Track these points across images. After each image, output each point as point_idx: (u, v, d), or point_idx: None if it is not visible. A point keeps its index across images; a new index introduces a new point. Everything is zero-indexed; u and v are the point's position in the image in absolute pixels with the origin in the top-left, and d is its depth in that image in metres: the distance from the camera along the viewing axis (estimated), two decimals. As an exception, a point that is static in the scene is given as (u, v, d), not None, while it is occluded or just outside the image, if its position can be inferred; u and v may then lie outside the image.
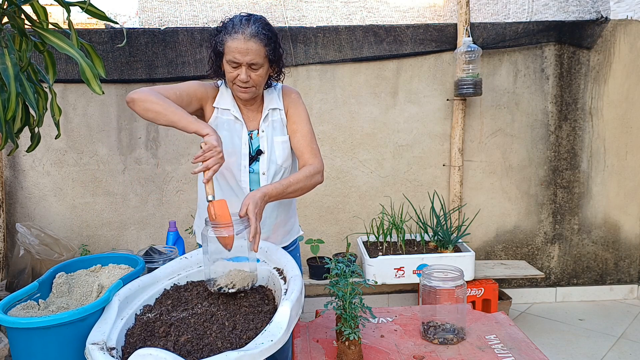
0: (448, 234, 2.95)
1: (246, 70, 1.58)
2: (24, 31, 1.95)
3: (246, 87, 1.61)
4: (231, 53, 1.56)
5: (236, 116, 1.69)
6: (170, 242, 2.27)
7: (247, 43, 1.55)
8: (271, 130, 1.71)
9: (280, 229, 1.81)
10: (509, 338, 1.46)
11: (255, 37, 1.56)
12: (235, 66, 1.58)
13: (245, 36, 1.55)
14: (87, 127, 3.13)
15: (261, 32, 1.57)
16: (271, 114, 1.73)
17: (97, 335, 1.14)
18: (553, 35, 3.32)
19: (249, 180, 1.69)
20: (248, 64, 1.57)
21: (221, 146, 1.46)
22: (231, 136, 1.69)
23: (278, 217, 1.78)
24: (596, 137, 3.47)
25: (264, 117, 1.71)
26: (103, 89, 2.01)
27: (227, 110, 1.70)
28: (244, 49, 1.55)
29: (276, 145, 1.70)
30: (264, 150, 1.69)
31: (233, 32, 1.56)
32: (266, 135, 1.70)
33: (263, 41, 1.57)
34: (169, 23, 3.16)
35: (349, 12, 3.32)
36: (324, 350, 1.41)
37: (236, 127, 1.70)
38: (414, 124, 3.33)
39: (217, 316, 1.26)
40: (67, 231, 3.20)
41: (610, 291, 3.61)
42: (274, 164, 1.70)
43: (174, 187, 3.23)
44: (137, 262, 1.50)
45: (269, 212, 1.73)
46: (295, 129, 1.72)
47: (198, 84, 1.71)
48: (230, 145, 1.68)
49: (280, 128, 1.72)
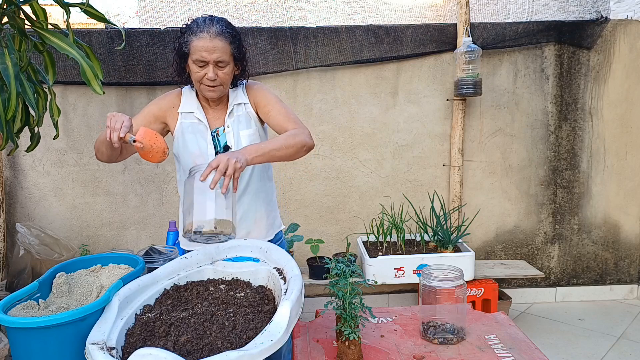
0: (448, 234, 2.95)
1: (213, 69, 1.61)
2: (24, 31, 1.95)
3: (214, 85, 1.64)
4: (198, 52, 1.59)
5: (199, 118, 1.72)
6: (170, 242, 2.28)
7: (212, 41, 1.58)
8: (237, 124, 1.72)
9: (263, 222, 1.82)
10: (509, 338, 1.46)
11: (220, 35, 1.60)
12: (202, 65, 1.61)
13: (210, 35, 1.59)
14: (87, 127, 3.13)
15: (225, 30, 1.61)
16: (236, 108, 1.74)
17: (97, 335, 1.14)
18: (553, 35, 3.32)
19: None
20: (215, 62, 1.60)
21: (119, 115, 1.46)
22: (196, 138, 1.71)
23: (258, 211, 1.79)
24: (596, 137, 3.47)
25: (228, 112, 1.73)
26: (103, 88, 2.01)
27: (191, 113, 1.73)
28: (210, 47, 1.58)
29: (243, 138, 1.71)
30: (231, 145, 1.71)
31: (198, 32, 1.59)
32: (232, 130, 1.72)
33: (228, 39, 1.61)
34: (169, 23, 3.16)
35: (350, 12, 3.33)
36: (324, 350, 1.41)
37: (200, 128, 1.72)
38: (414, 124, 3.33)
39: (217, 316, 1.26)
40: (67, 231, 3.20)
41: (610, 291, 3.61)
42: None
43: (174, 187, 3.23)
44: (137, 262, 1.50)
45: (249, 205, 1.76)
46: (267, 110, 1.72)
47: (154, 102, 1.75)
48: (197, 147, 1.70)
49: (245, 122, 1.73)
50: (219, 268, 1.52)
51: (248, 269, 1.50)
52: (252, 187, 1.77)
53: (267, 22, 3.28)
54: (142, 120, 1.70)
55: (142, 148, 1.42)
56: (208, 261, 1.54)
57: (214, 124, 1.74)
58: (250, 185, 1.77)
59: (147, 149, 1.42)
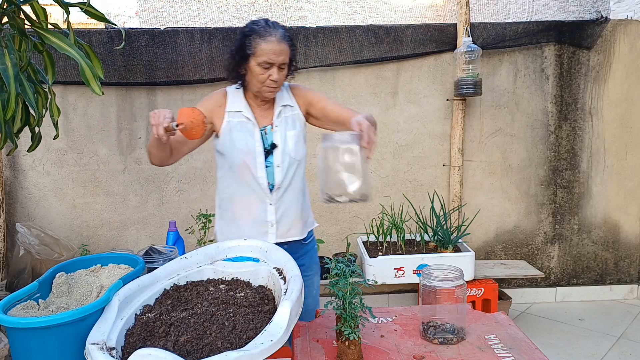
0: (448, 234, 2.95)
1: (277, 71, 1.68)
2: (24, 31, 1.95)
3: (276, 86, 1.71)
4: (265, 55, 1.65)
5: (248, 117, 1.78)
6: (170, 242, 2.28)
7: (280, 44, 1.66)
8: (284, 124, 1.79)
9: (301, 219, 1.87)
10: (509, 338, 1.46)
11: (285, 39, 1.68)
12: (267, 67, 1.67)
13: (277, 38, 1.66)
14: (87, 127, 3.13)
15: (286, 34, 1.70)
16: (283, 110, 1.81)
17: (97, 335, 1.14)
18: (553, 35, 3.32)
19: (265, 175, 1.76)
20: (280, 64, 1.68)
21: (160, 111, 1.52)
22: (244, 136, 1.77)
23: (298, 208, 1.84)
24: (596, 137, 3.47)
25: (277, 113, 1.80)
26: (103, 89, 2.01)
27: (239, 112, 1.79)
28: (278, 50, 1.66)
29: (289, 138, 1.78)
30: (277, 144, 1.77)
31: (267, 35, 1.66)
32: (279, 130, 1.78)
33: (289, 42, 1.71)
34: (168, 23, 3.16)
35: (350, 12, 3.33)
36: (324, 350, 1.41)
37: (248, 127, 1.77)
38: (414, 124, 3.33)
39: (217, 316, 1.26)
40: (67, 231, 3.20)
41: (610, 291, 3.61)
42: (288, 156, 1.78)
43: (174, 187, 3.23)
44: (137, 262, 1.50)
45: (292, 201, 1.82)
46: (322, 105, 1.80)
47: (200, 104, 1.79)
48: (245, 144, 1.76)
49: (292, 122, 1.81)
50: (219, 268, 1.52)
51: (248, 269, 1.50)
52: (296, 184, 1.83)
53: (267, 22, 3.27)
54: None
55: (185, 128, 1.47)
56: (208, 261, 1.54)
57: (261, 122, 1.80)
58: (294, 182, 1.82)
59: (188, 126, 1.47)
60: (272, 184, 1.77)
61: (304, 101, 1.83)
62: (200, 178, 3.24)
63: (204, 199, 3.25)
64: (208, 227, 2.73)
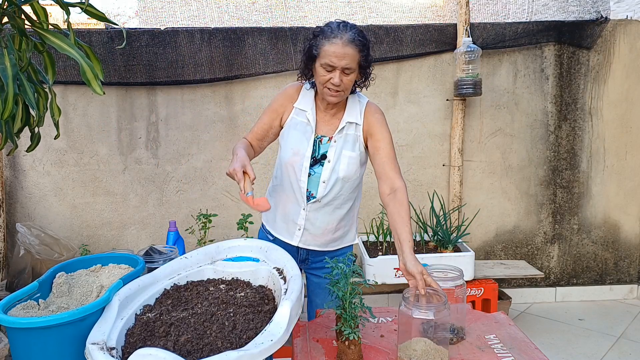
0: (448, 233, 2.95)
1: (339, 75, 1.63)
2: (24, 31, 1.95)
3: (337, 90, 1.66)
4: (328, 57, 1.61)
5: (309, 119, 1.76)
6: (170, 242, 2.28)
7: (344, 48, 1.60)
8: (343, 142, 1.75)
9: (332, 234, 1.86)
10: (509, 338, 1.46)
11: (352, 43, 1.61)
12: (329, 70, 1.64)
13: (343, 41, 1.60)
14: (87, 127, 3.13)
15: (357, 38, 1.63)
16: (347, 127, 1.76)
17: (97, 335, 1.14)
18: (553, 36, 3.32)
19: (307, 181, 1.75)
20: (342, 68, 1.62)
21: (237, 163, 1.56)
22: (300, 137, 1.76)
23: (333, 222, 1.83)
24: (596, 137, 3.47)
25: (340, 127, 1.75)
26: (103, 89, 2.01)
27: (304, 111, 1.77)
28: (340, 54, 1.60)
29: (343, 158, 1.74)
30: (330, 159, 1.74)
31: (332, 37, 1.62)
32: (337, 146, 1.75)
33: (358, 47, 1.63)
34: (168, 23, 3.16)
35: (350, 12, 3.33)
36: (324, 350, 1.41)
37: (307, 129, 1.77)
38: (414, 124, 3.33)
39: (217, 316, 1.26)
40: (67, 231, 3.20)
41: (610, 291, 3.61)
42: (336, 174, 1.74)
43: (174, 187, 3.23)
44: (137, 262, 1.50)
45: (329, 214, 1.81)
46: (378, 146, 1.73)
47: (276, 99, 1.82)
48: (298, 145, 1.75)
49: (352, 143, 1.76)
50: (219, 268, 1.52)
51: (248, 269, 1.50)
52: (338, 202, 1.81)
53: (267, 23, 3.28)
54: (261, 132, 1.81)
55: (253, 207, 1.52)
56: (208, 261, 1.54)
57: (321, 129, 1.77)
58: (337, 200, 1.80)
59: (252, 207, 1.52)
60: (312, 193, 1.76)
61: (368, 128, 1.76)
62: (200, 178, 3.24)
63: (204, 199, 3.25)
64: (208, 227, 2.72)
